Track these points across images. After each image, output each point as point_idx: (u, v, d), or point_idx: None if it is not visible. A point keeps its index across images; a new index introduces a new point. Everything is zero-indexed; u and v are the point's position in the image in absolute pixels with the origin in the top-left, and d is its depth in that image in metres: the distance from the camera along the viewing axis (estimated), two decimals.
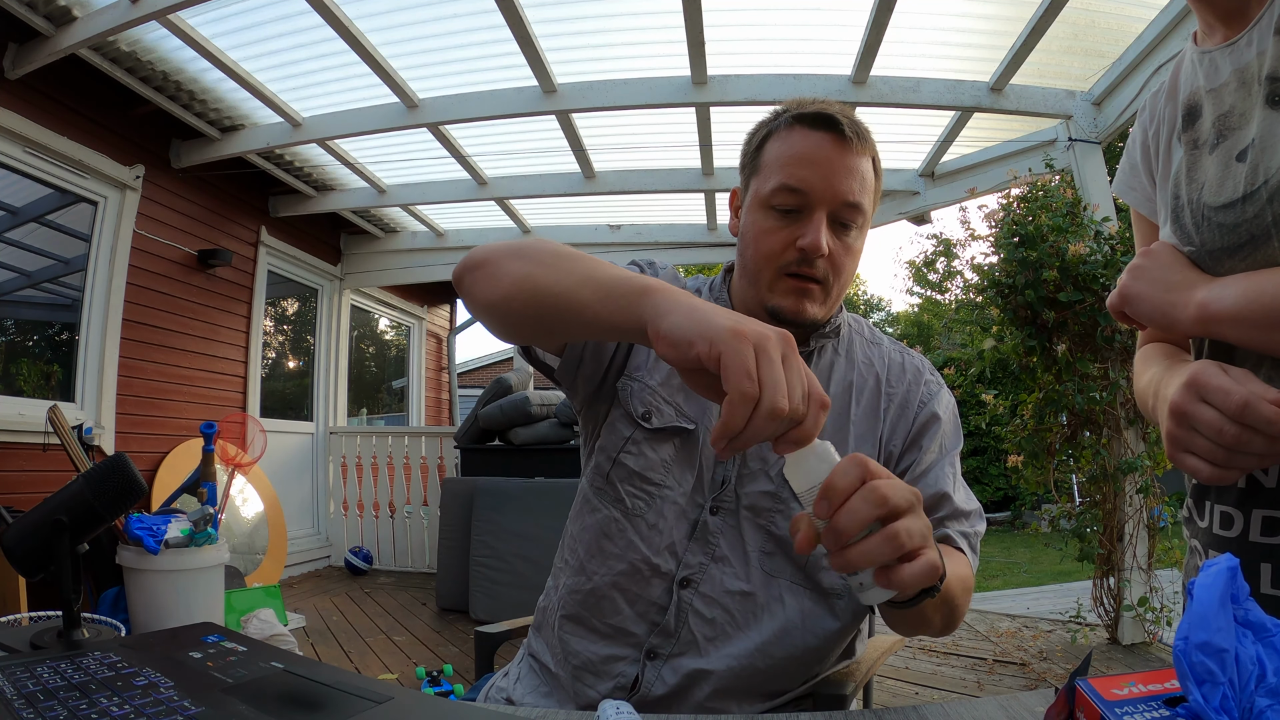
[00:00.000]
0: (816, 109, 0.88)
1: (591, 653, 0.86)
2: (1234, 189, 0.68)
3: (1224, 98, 0.71)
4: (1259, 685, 0.38)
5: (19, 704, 0.53)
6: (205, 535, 2.57)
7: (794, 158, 0.86)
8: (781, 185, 0.86)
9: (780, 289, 0.87)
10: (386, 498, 5.33)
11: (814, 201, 0.85)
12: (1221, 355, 0.73)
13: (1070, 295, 3.08)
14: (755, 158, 0.92)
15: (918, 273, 17.06)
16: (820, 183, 0.85)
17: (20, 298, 3.64)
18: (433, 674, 2.85)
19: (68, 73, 3.31)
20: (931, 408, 0.92)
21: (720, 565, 0.86)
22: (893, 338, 1.01)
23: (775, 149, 0.89)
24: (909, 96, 3.47)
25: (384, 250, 5.90)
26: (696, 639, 0.84)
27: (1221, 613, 0.40)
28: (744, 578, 0.85)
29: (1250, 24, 0.69)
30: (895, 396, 0.92)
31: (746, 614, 0.84)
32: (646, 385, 0.91)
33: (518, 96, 3.63)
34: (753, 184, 0.91)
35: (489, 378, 13.61)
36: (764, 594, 0.85)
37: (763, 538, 0.86)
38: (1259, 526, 0.67)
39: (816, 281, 0.87)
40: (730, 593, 0.85)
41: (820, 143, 0.86)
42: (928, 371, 0.96)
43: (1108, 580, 3.26)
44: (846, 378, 0.93)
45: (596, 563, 0.88)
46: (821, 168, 0.85)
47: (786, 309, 0.87)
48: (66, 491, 0.83)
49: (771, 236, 0.87)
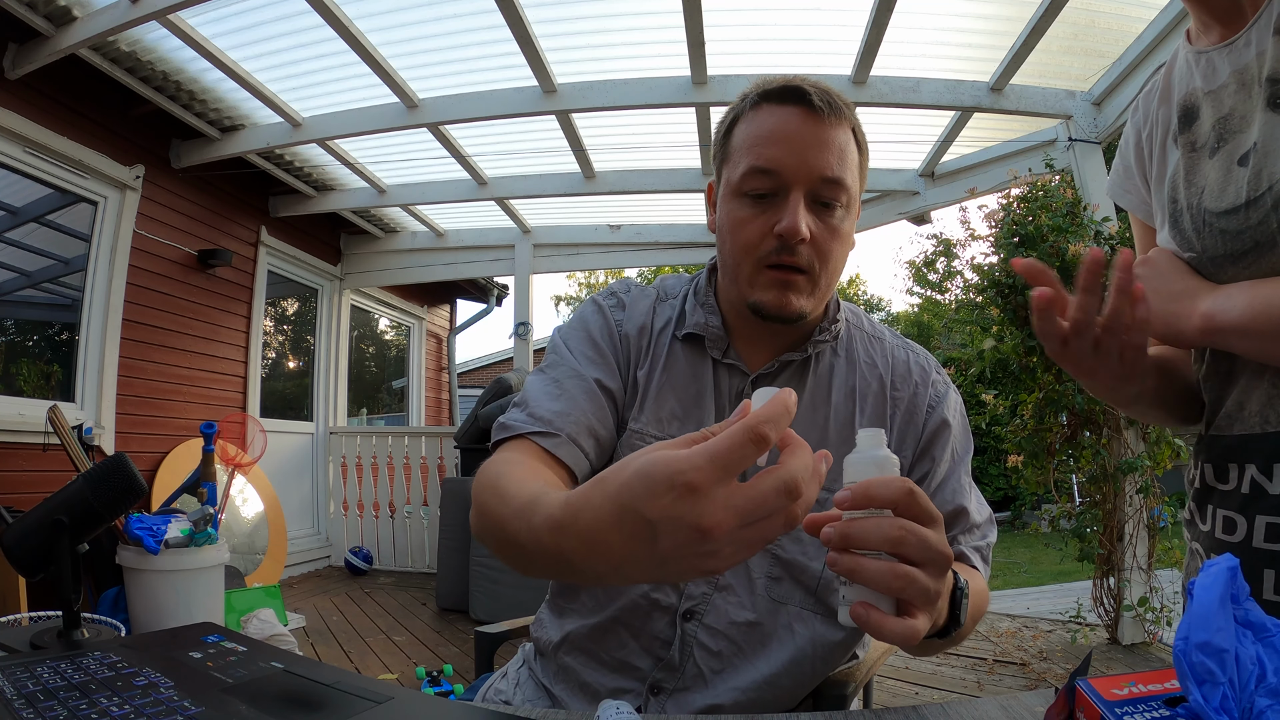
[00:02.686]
0: (782, 83, 0.80)
1: (599, 684, 0.83)
2: (1236, 194, 0.66)
3: (1223, 100, 0.70)
4: (1259, 685, 0.38)
5: (19, 704, 0.53)
6: (205, 535, 2.57)
7: (762, 137, 0.79)
8: (751, 168, 0.79)
9: (761, 282, 0.80)
10: (386, 498, 5.33)
11: (788, 181, 0.78)
12: (1224, 365, 0.73)
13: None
14: (724, 145, 0.85)
15: (918, 273, 17.08)
16: (792, 160, 0.77)
17: (20, 298, 3.64)
18: (433, 674, 2.85)
19: (68, 73, 3.31)
20: (941, 413, 0.86)
21: (724, 595, 0.81)
22: (894, 330, 0.95)
23: (743, 131, 0.82)
24: (909, 96, 3.47)
25: (384, 250, 5.90)
26: (703, 672, 0.80)
27: (1221, 613, 0.40)
28: (749, 606, 0.81)
29: (1248, 23, 0.68)
30: (902, 401, 0.86)
31: (754, 645, 0.81)
32: (636, 431, 0.85)
33: (518, 96, 3.63)
34: (724, 173, 0.84)
35: (489, 378, 13.62)
36: (771, 622, 0.81)
37: (769, 563, 0.82)
38: (1263, 532, 0.66)
39: (800, 271, 0.79)
40: (736, 624, 0.80)
41: (789, 117, 0.78)
42: (934, 371, 0.90)
43: (1108, 580, 3.26)
44: (849, 382, 0.87)
45: (597, 598, 0.84)
46: (792, 144, 0.78)
47: (769, 304, 0.80)
48: (66, 491, 0.83)
49: (747, 226, 0.80)
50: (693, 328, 0.88)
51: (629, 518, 0.43)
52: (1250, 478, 0.68)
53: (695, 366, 0.87)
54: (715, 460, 0.41)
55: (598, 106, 3.61)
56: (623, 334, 0.89)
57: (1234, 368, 0.71)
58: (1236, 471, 0.70)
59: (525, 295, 5.59)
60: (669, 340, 0.88)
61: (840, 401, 0.86)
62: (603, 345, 0.88)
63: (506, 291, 7.59)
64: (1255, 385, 0.69)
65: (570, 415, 0.80)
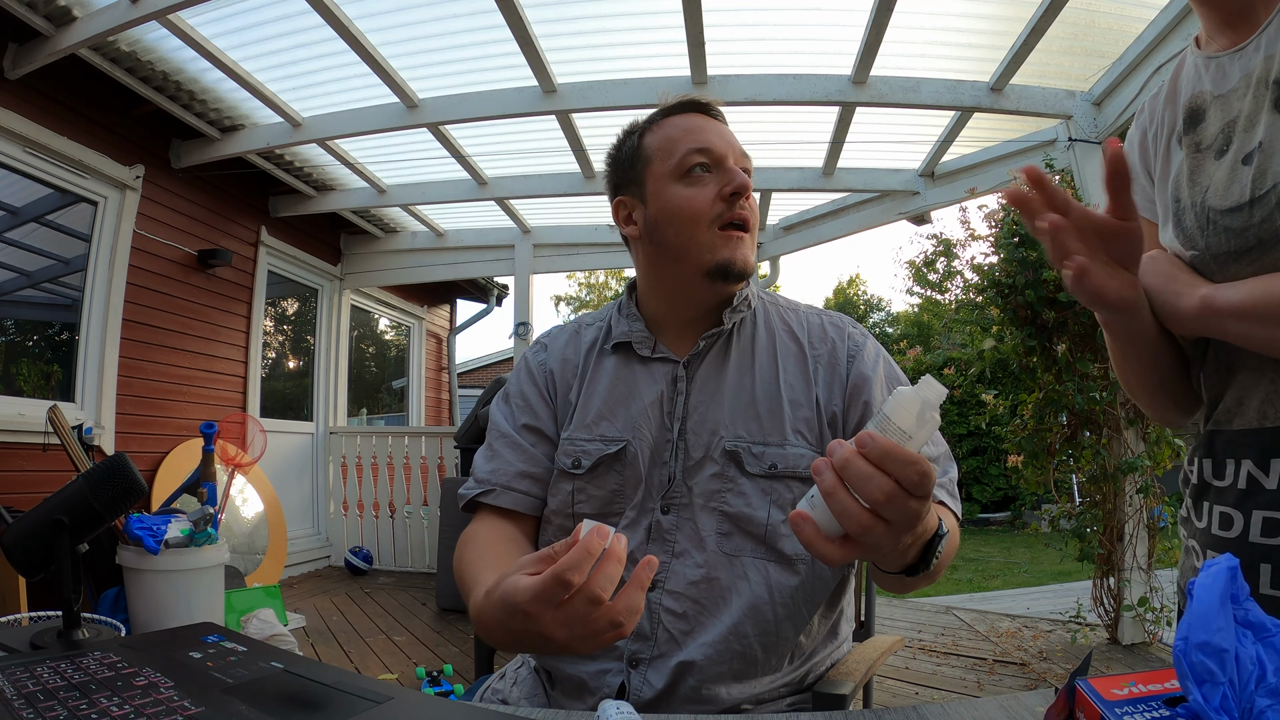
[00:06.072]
0: (677, 99, 0.97)
1: (583, 672, 0.87)
2: (1240, 192, 0.67)
3: (1232, 103, 0.70)
4: (1259, 685, 0.38)
5: (19, 704, 0.53)
6: (205, 535, 2.57)
7: (684, 131, 0.93)
8: (689, 150, 0.91)
9: (720, 244, 0.90)
10: (386, 498, 5.33)
11: (721, 155, 0.91)
12: (1225, 360, 0.73)
13: (1070, 295, 3.08)
14: (635, 157, 0.97)
15: (918, 273, 17.05)
16: (718, 140, 0.92)
17: (20, 298, 3.64)
18: (433, 674, 2.85)
19: (68, 73, 3.31)
20: (860, 360, 0.93)
21: (681, 560, 0.87)
22: (810, 304, 1.04)
23: (657, 137, 0.95)
24: (909, 96, 3.47)
25: (384, 250, 5.90)
26: (674, 635, 0.85)
27: (1221, 613, 0.40)
28: (703, 564, 0.86)
29: (1259, 29, 0.68)
30: (821, 357, 0.93)
31: (714, 599, 0.85)
32: (567, 438, 0.95)
33: (518, 96, 3.63)
34: (648, 175, 0.94)
35: (489, 378, 13.62)
36: (727, 575, 0.86)
37: (717, 520, 0.87)
38: (1259, 527, 0.67)
39: (746, 229, 0.92)
40: (694, 583, 0.86)
41: (697, 119, 0.95)
42: (849, 325, 0.98)
43: (1108, 580, 3.26)
44: (770, 346, 0.95)
45: None
46: (710, 132, 0.93)
47: (735, 260, 0.90)
48: (66, 491, 0.83)
49: (697, 198, 0.90)
50: (619, 337, 0.98)
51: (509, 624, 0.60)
52: (1247, 473, 0.69)
53: (624, 369, 0.97)
54: (538, 596, 0.56)
55: (598, 106, 3.61)
56: (547, 370, 1.01)
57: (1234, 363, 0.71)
58: (1233, 467, 0.70)
59: (525, 295, 5.59)
60: (597, 356, 0.99)
61: (765, 363, 0.94)
62: (528, 392, 1.00)
63: (506, 291, 7.59)
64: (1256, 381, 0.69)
65: (500, 470, 0.95)
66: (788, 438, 0.89)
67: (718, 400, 0.91)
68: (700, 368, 0.94)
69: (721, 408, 0.91)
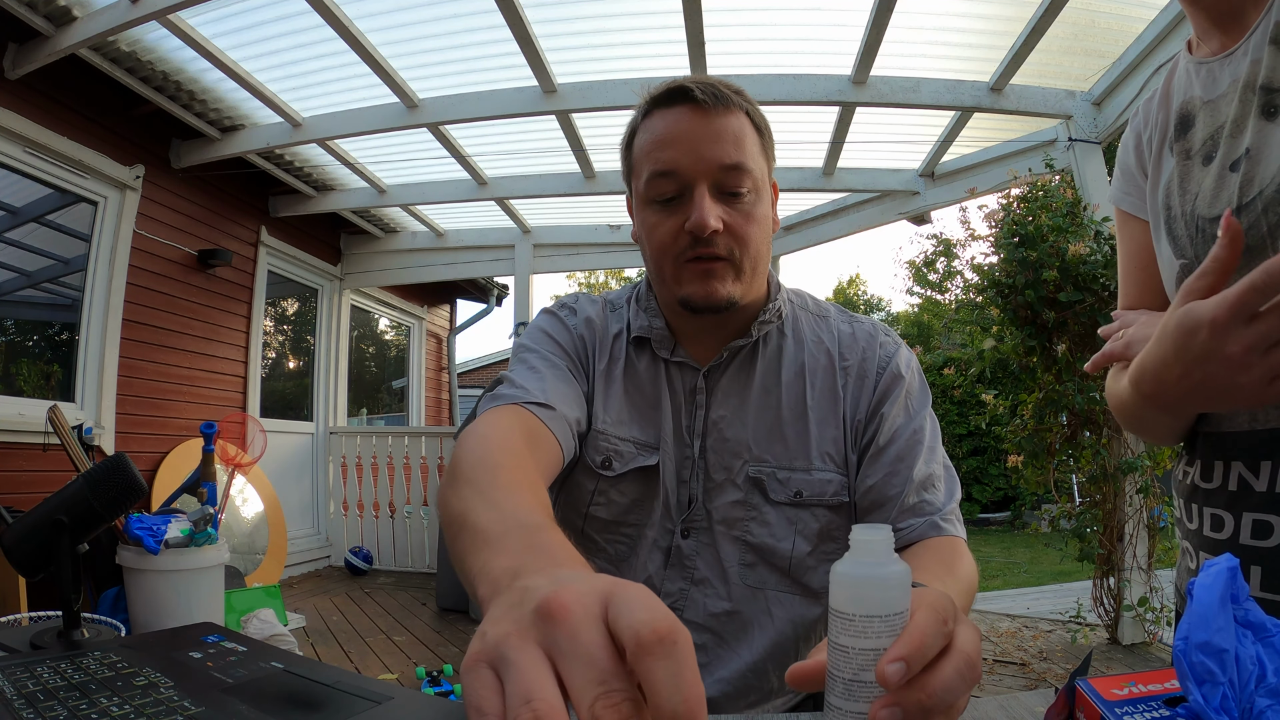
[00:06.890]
0: (667, 86, 0.83)
1: None
2: (1228, 199, 0.67)
3: (1220, 109, 0.70)
4: (1259, 685, 0.38)
5: (19, 704, 0.53)
6: (205, 535, 2.57)
7: (656, 141, 0.82)
8: (651, 174, 0.81)
9: (685, 277, 0.82)
10: (386, 498, 5.33)
11: (689, 179, 0.80)
12: None
13: (1070, 295, 3.09)
14: (628, 159, 0.88)
15: (918, 273, 17.04)
16: (688, 157, 0.79)
17: (20, 298, 3.64)
18: (433, 674, 2.85)
19: (68, 73, 3.30)
20: (893, 369, 0.86)
21: (701, 588, 0.83)
22: (840, 306, 0.96)
23: (640, 140, 0.85)
24: (909, 96, 3.47)
25: (384, 250, 5.90)
26: None
27: (1221, 613, 0.40)
28: (726, 596, 0.82)
29: (1246, 33, 0.68)
30: (851, 369, 0.87)
31: (735, 633, 0.82)
32: (599, 431, 0.86)
33: (518, 96, 3.63)
34: (633, 186, 0.87)
35: (489, 378, 13.62)
36: (750, 609, 0.82)
37: (740, 550, 0.83)
38: (1249, 529, 0.67)
39: (719, 259, 0.81)
40: (714, 615, 0.82)
41: (678, 117, 0.81)
42: (882, 333, 0.91)
43: (1108, 580, 3.26)
44: (798, 360, 0.88)
45: None
46: (686, 141, 0.80)
47: (696, 295, 0.81)
48: (66, 491, 0.83)
49: (660, 229, 0.82)
50: (639, 331, 0.90)
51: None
52: (1237, 475, 0.69)
53: (649, 369, 0.89)
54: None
55: (598, 106, 3.61)
56: (578, 334, 0.91)
57: None
58: (1223, 469, 0.70)
59: (525, 295, 5.59)
60: (624, 345, 0.90)
61: (791, 380, 0.87)
62: (565, 345, 0.89)
63: (506, 291, 7.59)
64: None
65: (555, 393, 0.80)
66: (814, 462, 0.84)
67: (741, 418, 0.86)
68: (722, 380, 0.87)
69: (745, 427, 0.85)
